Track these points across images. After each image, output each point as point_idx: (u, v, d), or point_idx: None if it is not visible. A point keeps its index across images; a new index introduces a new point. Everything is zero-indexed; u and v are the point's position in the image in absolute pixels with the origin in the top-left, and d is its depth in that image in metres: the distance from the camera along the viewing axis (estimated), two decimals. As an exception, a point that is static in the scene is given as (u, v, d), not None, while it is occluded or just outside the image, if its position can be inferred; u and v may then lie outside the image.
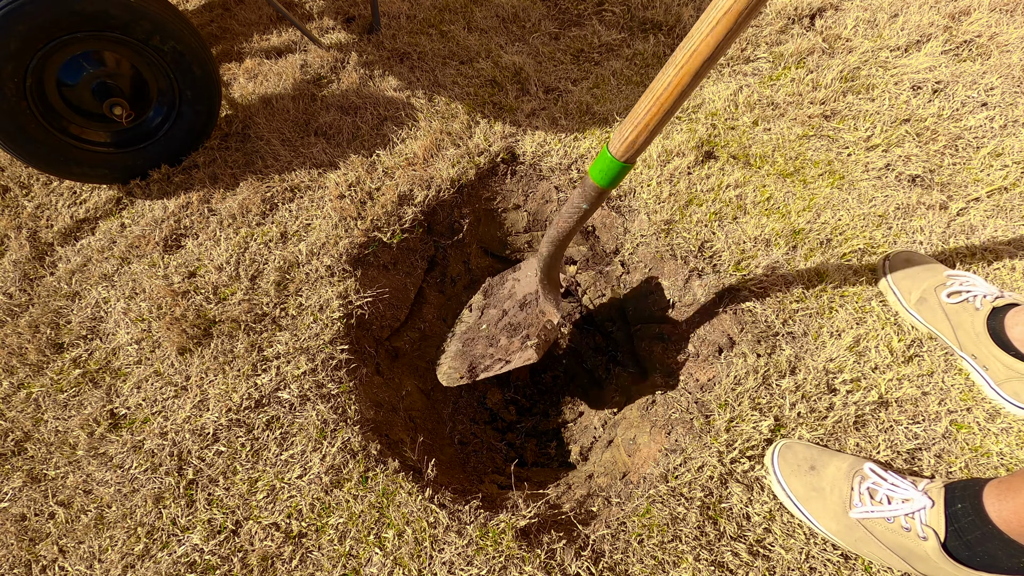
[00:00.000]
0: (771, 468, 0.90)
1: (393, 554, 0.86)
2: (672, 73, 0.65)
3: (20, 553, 0.89)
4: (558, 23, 1.84)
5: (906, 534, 0.77)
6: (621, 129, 0.72)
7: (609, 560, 0.85)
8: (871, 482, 0.83)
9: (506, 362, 1.11)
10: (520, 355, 1.10)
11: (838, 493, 0.84)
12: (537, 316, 1.15)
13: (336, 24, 1.86)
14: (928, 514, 0.76)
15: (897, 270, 1.10)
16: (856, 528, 0.81)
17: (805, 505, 0.86)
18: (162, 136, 1.38)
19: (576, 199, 0.82)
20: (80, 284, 1.23)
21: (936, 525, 0.75)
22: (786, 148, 1.37)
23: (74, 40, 1.17)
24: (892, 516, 0.78)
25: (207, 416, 1.00)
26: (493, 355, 1.16)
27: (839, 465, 0.87)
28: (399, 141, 1.46)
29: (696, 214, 1.26)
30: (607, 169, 0.75)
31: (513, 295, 1.23)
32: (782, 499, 0.89)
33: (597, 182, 0.77)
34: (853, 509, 0.81)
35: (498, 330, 1.20)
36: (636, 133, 0.70)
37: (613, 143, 0.73)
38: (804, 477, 0.87)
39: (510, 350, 1.14)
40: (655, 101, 0.68)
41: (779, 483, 0.88)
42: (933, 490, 0.79)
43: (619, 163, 0.74)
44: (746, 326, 1.10)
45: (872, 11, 1.71)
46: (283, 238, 1.27)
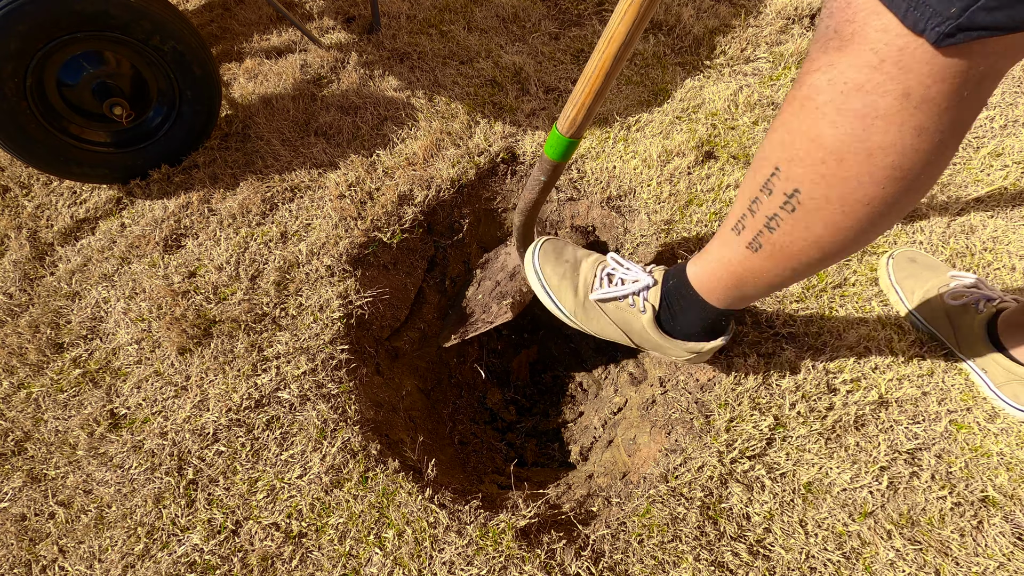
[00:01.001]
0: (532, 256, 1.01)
1: (393, 554, 0.86)
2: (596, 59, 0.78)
3: (20, 553, 0.89)
4: (558, 23, 1.84)
5: (630, 309, 0.91)
6: (564, 110, 0.85)
7: (609, 560, 0.85)
8: (610, 268, 0.95)
9: (489, 323, 1.23)
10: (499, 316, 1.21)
11: (584, 282, 0.97)
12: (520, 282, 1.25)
13: (336, 24, 1.86)
14: (650, 292, 0.89)
15: (900, 269, 1.09)
16: (592, 308, 0.95)
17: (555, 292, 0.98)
18: (162, 136, 1.38)
19: (536, 173, 0.97)
20: (80, 284, 1.23)
21: (654, 301, 0.89)
22: (786, 148, 1.37)
23: (74, 40, 1.17)
24: (623, 295, 0.91)
25: (207, 416, 1.00)
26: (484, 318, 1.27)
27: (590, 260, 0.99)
28: (399, 141, 1.46)
29: (696, 214, 1.26)
30: (557, 145, 0.89)
31: (505, 267, 1.32)
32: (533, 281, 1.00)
33: (551, 157, 0.92)
34: (593, 293, 0.94)
35: (491, 299, 1.30)
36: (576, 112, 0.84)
37: (560, 122, 0.87)
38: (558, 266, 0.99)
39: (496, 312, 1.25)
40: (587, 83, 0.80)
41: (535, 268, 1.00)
42: (657, 272, 0.91)
43: (566, 139, 0.88)
44: (746, 326, 1.10)
45: (872, 11, 1.71)
46: (283, 238, 1.27)
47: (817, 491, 0.89)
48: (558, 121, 0.87)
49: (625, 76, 1.62)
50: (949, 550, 0.82)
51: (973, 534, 0.83)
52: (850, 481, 0.89)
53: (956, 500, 0.86)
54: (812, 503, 0.88)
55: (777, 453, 0.93)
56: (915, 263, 1.09)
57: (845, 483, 0.89)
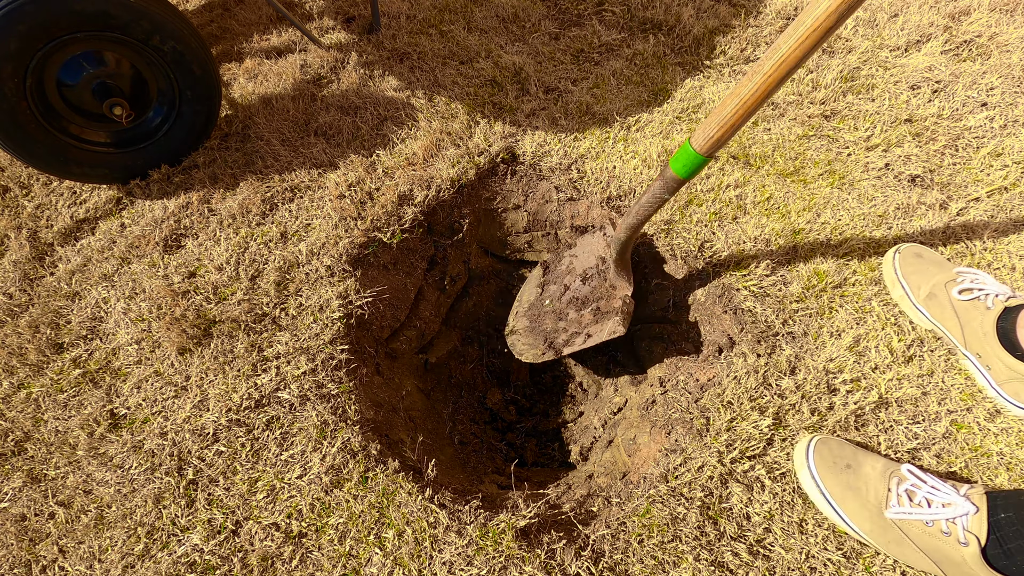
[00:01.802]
0: (806, 463, 0.88)
1: (393, 554, 0.86)
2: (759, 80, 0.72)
3: (20, 553, 0.89)
4: (558, 23, 1.84)
5: (944, 539, 0.76)
6: (705, 128, 0.79)
7: (609, 560, 0.85)
8: (909, 484, 0.82)
9: (587, 336, 1.18)
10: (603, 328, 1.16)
11: (874, 493, 0.82)
12: (607, 290, 1.21)
13: (336, 24, 1.86)
14: (971, 520, 0.76)
15: (907, 264, 1.08)
16: (891, 529, 0.80)
17: (840, 504, 0.84)
18: (162, 136, 1.38)
19: (658, 190, 0.92)
20: (80, 284, 1.23)
21: (979, 531, 0.74)
22: (786, 148, 1.37)
23: (74, 40, 1.17)
24: (932, 520, 0.77)
25: (207, 416, 1.00)
26: (567, 329, 1.23)
27: (874, 464, 0.86)
28: (399, 141, 1.46)
29: (696, 214, 1.26)
30: (689, 163, 0.84)
31: (572, 270, 1.30)
32: (814, 496, 0.87)
33: (679, 174, 0.86)
34: (889, 509, 0.80)
35: (564, 304, 1.27)
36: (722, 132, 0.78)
37: (696, 140, 0.82)
38: (840, 475, 0.85)
39: (584, 323, 1.21)
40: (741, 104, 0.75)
41: (814, 480, 0.86)
42: (975, 496, 0.78)
43: (701, 157, 0.83)
44: (746, 326, 1.10)
45: (872, 11, 1.71)
46: (283, 238, 1.27)
47: (817, 491, 0.89)
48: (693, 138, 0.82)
49: (625, 76, 1.62)
50: (949, 550, 0.82)
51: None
52: (850, 481, 0.89)
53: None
54: (812, 503, 0.88)
55: (777, 453, 0.93)
56: (921, 258, 1.09)
57: (845, 483, 0.88)
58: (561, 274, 1.32)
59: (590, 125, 1.48)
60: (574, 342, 1.19)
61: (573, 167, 1.40)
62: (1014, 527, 0.73)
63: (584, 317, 1.22)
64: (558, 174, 1.40)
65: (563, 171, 1.40)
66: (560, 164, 1.40)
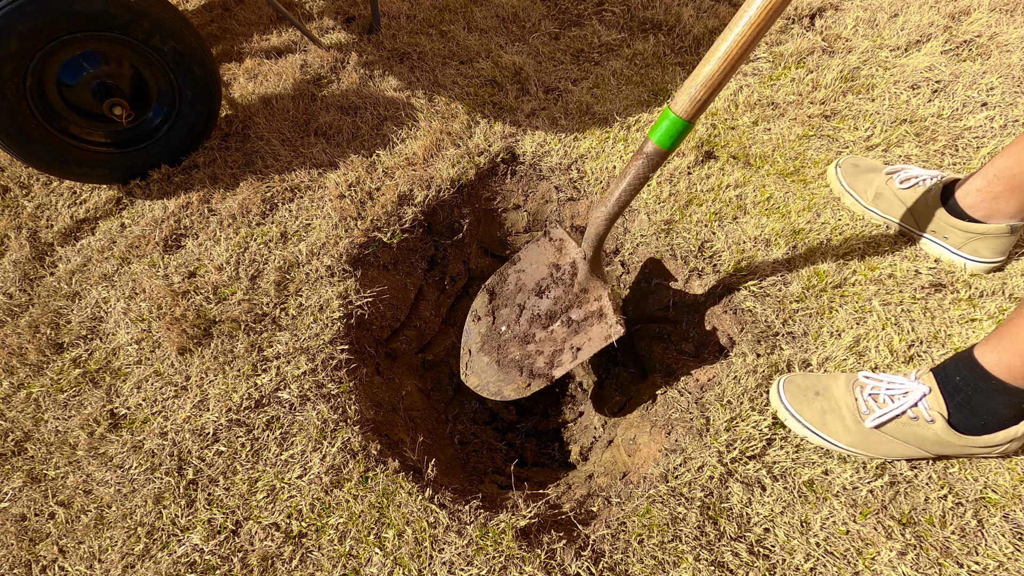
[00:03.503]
0: (781, 404, 0.95)
1: (393, 554, 0.86)
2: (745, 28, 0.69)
3: (20, 553, 0.89)
4: (558, 23, 1.84)
5: (915, 423, 0.85)
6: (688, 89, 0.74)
7: (609, 560, 0.85)
8: (870, 387, 0.90)
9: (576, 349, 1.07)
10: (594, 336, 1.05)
11: (847, 409, 0.90)
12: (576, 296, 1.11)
13: (336, 24, 1.86)
14: (929, 399, 0.84)
15: (848, 174, 1.23)
16: (872, 435, 0.88)
17: (823, 430, 0.91)
18: (162, 136, 1.38)
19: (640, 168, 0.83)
20: (80, 284, 1.23)
21: (939, 407, 0.83)
22: (786, 148, 1.37)
23: (74, 40, 1.17)
24: (900, 412, 0.85)
25: (207, 416, 1.00)
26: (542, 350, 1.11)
27: (837, 383, 0.94)
28: (399, 141, 1.46)
29: (696, 214, 1.26)
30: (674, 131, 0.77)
31: (523, 287, 1.18)
32: (798, 430, 0.94)
33: (662, 146, 0.79)
34: (867, 419, 0.88)
35: (526, 326, 1.15)
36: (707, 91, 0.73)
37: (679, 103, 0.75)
38: (813, 404, 0.93)
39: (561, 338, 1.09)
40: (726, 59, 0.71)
41: (793, 416, 0.93)
42: (925, 377, 0.86)
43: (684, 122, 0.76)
44: (746, 326, 1.10)
45: (872, 11, 1.71)
46: (283, 238, 1.27)
47: (817, 491, 0.89)
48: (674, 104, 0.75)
49: (625, 76, 1.62)
50: (949, 550, 0.82)
51: (973, 534, 0.83)
52: (850, 481, 0.89)
53: (956, 500, 0.86)
54: (812, 503, 0.88)
55: (777, 453, 0.93)
56: (858, 167, 1.24)
57: (845, 483, 0.89)
58: (511, 294, 1.20)
59: (590, 125, 1.48)
60: (562, 361, 1.08)
61: (573, 167, 1.40)
62: (970, 385, 0.81)
63: (557, 333, 1.11)
64: (558, 174, 1.40)
65: (563, 171, 1.40)
66: (560, 164, 1.40)
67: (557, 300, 1.12)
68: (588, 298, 1.09)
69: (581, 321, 1.09)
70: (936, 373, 0.86)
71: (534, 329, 1.14)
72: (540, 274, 1.16)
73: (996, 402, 0.79)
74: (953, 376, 0.83)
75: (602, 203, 0.93)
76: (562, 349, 1.09)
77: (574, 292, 1.11)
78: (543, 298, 1.14)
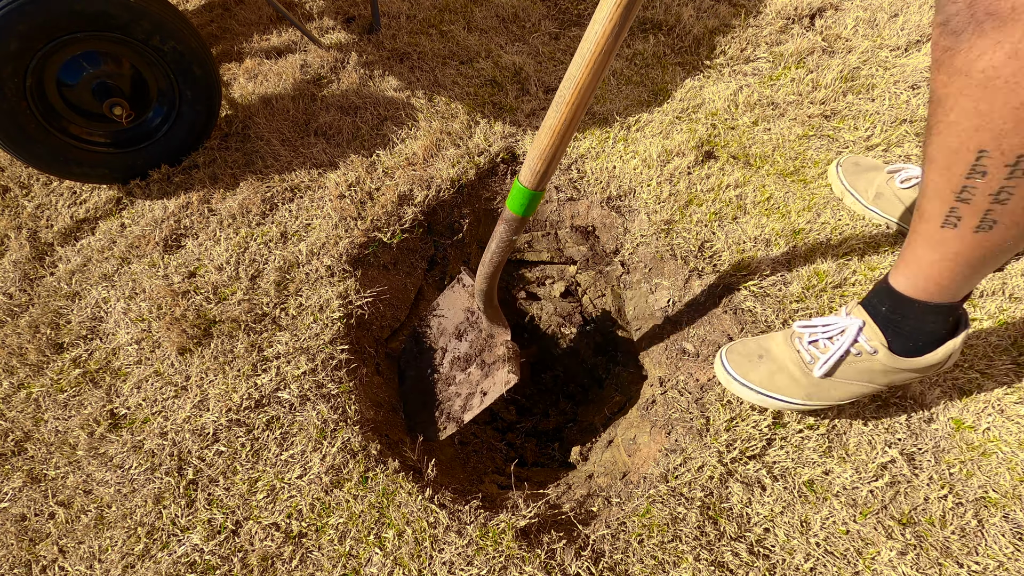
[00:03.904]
0: (727, 373, 0.95)
1: (393, 554, 0.86)
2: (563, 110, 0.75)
3: (20, 553, 0.89)
4: (558, 23, 1.84)
5: (859, 359, 0.85)
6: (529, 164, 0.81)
7: (609, 560, 0.85)
8: (808, 336, 0.89)
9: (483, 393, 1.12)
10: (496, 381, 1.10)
11: (792, 364, 0.90)
12: (486, 340, 1.16)
13: (336, 24, 1.86)
14: (865, 332, 0.83)
15: (849, 174, 1.23)
16: (822, 383, 0.88)
17: (775, 390, 0.91)
18: (162, 136, 1.38)
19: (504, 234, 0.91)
20: (80, 284, 1.23)
21: (877, 336, 0.82)
22: (786, 148, 1.37)
23: (74, 40, 1.17)
24: (844, 351, 0.85)
25: (207, 416, 1.00)
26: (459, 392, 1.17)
27: (776, 340, 0.94)
28: (399, 141, 1.46)
29: (696, 214, 1.26)
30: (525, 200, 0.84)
31: (444, 330, 1.24)
32: (750, 397, 0.93)
33: (517, 212, 0.86)
34: (813, 368, 0.87)
35: (448, 368, 1.20)
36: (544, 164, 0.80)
37: (524, 177, 0.82)
38: (759, 367, 0.93)
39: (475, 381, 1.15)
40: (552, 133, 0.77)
41: (741, 383, 0.93)
42: (855, 311, 0.85)
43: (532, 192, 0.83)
44: (746, 326, 1.10)
45: (872, 11, 1.71)
46: (283, 238, 1.27)
47: (817, 491, 0.89)
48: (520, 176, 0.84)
49: (625, 76, 1.62)
50: (949, 550, 0.82)
51: (973, 534, 0.83)
52: (850, 481, 0.89)
53: (956, 500, 0.86)
54: (812, 503, 0.88)
55: (777, 453, 0.93)
56: (859, 166, 1.24)
57: (845, 483, 0.89)
58: (435, 337, 1.25)
59: (590, 125, 1.48)
60: (472, 405, 1.13)
61: (573, 167, 1.40)
62: (895, 312, 0.81)
63: (473, 375, 1.16)
64: (558, 174, 1.40)
65: (563, 171, 1.40)
66: (560, 164, 1.40)
67: (472, 343, 1.18)
68: (495, 343, 1.15)
69: (491, 364, 1.14)
70: (864, 306, 0.86)
71: (455, 371, 1.19)
72: (459, 318, 1.22)
73: (926, 322, 0.80)
74: (879, 307, 0.84)
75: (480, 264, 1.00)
76: (474, 392, 1.14)
77: (483, 338, 1.17)
78: (462, 341, 1.20)
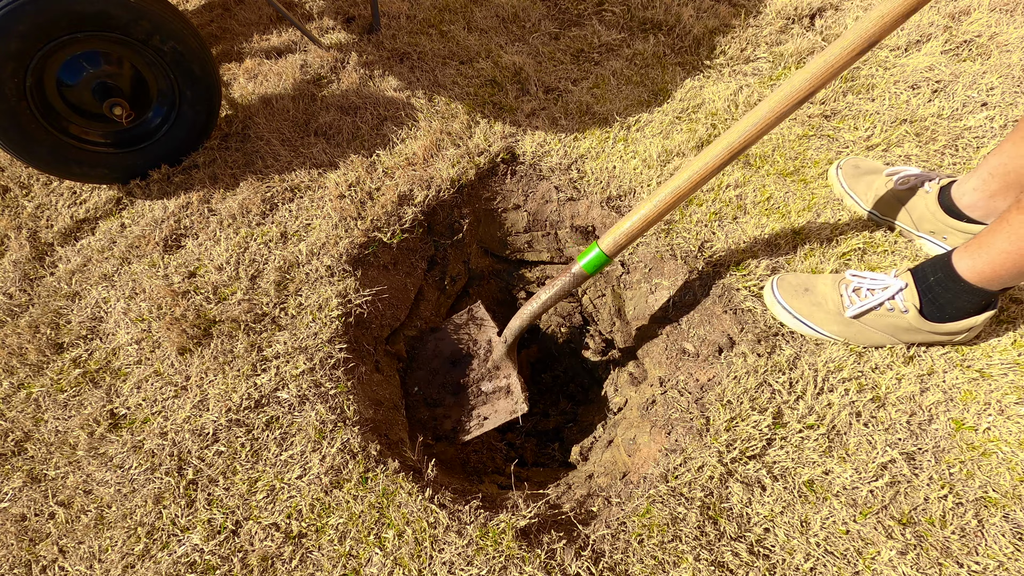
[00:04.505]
0: (774, 297, 1.07)
1: (393, 554, 0.86)
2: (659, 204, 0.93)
3: (20, 553, 0.89)
4: (558, 23, 1.84)
5: (891, 314, 0.97)
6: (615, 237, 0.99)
7: (609, 560, 0.85)
8: (855, 284, 1.01)
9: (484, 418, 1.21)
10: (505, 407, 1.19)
11: (832, 303, 1.02)
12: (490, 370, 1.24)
13: (336, 24, 1.86)
14: (905, 293, 0.95)
15: (849, 176, 1.26)
16: (853, 324, 1.00)
17: (810, 319, 1.04)
18: (162, 136, 1.38)
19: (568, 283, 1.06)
20: (80, 284, 1.23)
21: (913, 300, 0.95)
22: (786, 148, 1.37)
23: (74, 40, 1.17)
24: (878, 303, 0.97)
25: (207, 416, 1.00)
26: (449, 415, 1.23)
27: (825, 281, 1.06)
28: (399, 141, 1.46)
29: (696, 214, 1.26)
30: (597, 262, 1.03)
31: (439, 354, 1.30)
32: (787, 320, 1.06)
33: (587, 271, 1.04)
34: (847, 310, 1.00)
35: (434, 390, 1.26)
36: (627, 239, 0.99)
37: (605, 243, 1.01)
38: (802, 298, 1.05)
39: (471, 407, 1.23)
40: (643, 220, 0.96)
41: (783, 307, 1.06)
42: (903, 274, 0.98)
43: (607, 257, 1.02)
44: (746, 326, 1.10)
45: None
46: (283, 238, 1.27)
47: (817, 491, 0.89)
48: (602, 242, 1.00)
49: (625, 76, 1.62)
50: (949, 550, 0.82)
51: (973, 534, 0.83)
52: (850, 481, 0.89)
53: (956, 500, 0.86)
54: (812, 503, 0.88)
55: (777, 453, 0.93)
56: (859, 168, 1.26)
57: (845, 483, 0.88)
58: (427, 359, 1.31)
59: (590, 125, 1.48)
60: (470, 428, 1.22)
61: (573, 167, 1.40)
62: (942, 284, 0.92)
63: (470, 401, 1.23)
64: (558, 174, 1.40)
65: (563, 171, 1.40)
66: (560, 164, 1.40)
67: (470, 371, 1.25)
68: (499, 375, 1.23)
69: (490, 393, 1.22)
70: (914, 272, 0.96)
71: (447, 395, 1.25)
72: (457, 346, 1.28)
73: (962, 300, 0.91)
74: (928, 276, 0.94)
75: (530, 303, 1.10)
76: (470, 417, 1.22)
77: (487, 367, 1.24)
78: (456, 367, 1.27)
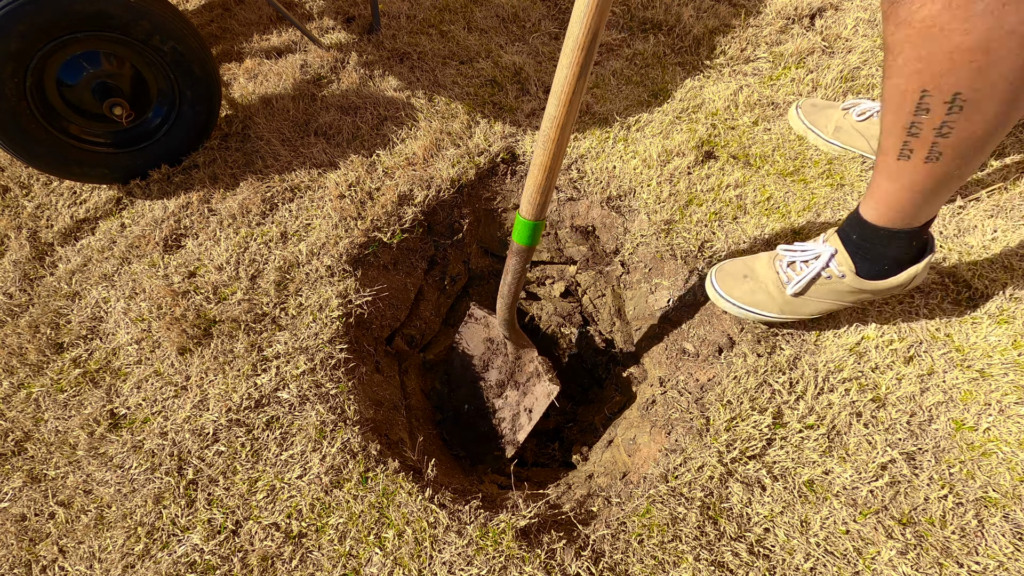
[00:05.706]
0: (714, 289, 1.07)
1: (393, 554, 0.86)
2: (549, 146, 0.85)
3: (20, 553, 0.89)
4: (558, 23, 1.84)
5: (829, 281, 0.96)
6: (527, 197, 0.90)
7: (609, 560, 0.85)
8: (788, 259, 1.01)
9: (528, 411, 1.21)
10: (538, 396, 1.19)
11: (772, 283, 1.02)
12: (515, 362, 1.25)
13: (336, 24, 1.86)
14: (837, 258, 0.94)
15: (808, 114, 1.36)
16: (794, 300, 1.00)
17: (753, 305, 1.04)
18: (162, 136, 1.38)
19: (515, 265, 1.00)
20: (80, 284, 1.23)
21: (846, 263, 0.93)
22: (786, 148, 1.37)
23: (74, 40, 1.17)
24: (815, 274, 0.96)
25: (207, 416, 1.00)
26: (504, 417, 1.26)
27: (761, 262, 1.05)
28: (399, 141, 1.46)
29: (696, 214, 1.26)
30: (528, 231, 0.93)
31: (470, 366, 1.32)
32: (733, 311, 1.06)
33: (523, 243, 0.95)
34: (787, 287, 0.99)
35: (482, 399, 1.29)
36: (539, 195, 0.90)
37: (524, 210, 0.91)
38: (743, 285, 1.05)
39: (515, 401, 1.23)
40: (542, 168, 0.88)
41: (724, 298, 1.06)
42: (831, 239, 0.96)
43: (534, 222, 0.92)
44: (746, 326, 1.10)
45: (872, 11, 1.71)
46: (283, 238, 1.27)
47: (817, 491, 0.89)
48: (520, 210, 0.91)
49: (625, 76, 1.62)
50: (949, 550, 0.82)
51: (973, 534, 0.83)
52: (850, 481, 0.89)
53: (956, 500, 0.86)
54: (812, 503, 0.88)
55: (777, 453, 0.93)
56: (816, 106, 1.36)
57: (845, 483, 0.89)
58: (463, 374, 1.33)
59: (590, 125, 1.48)
60: (521, 425, 1.22)
61: (573, 167, 1.40)
62: (864, 240, 0.91)
63: (511, 397, 1.24)
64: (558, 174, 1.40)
65: (563, 171, 1.40)
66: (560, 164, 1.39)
67: (501, 368, 1.27)
68: (524, 362, 1.24)
69: (525, 382, 1.23)
70: (839, 234, 0.95)
71: (492, 399, 1.28)
72: (480, 350, 1.30)
73: (892, 249, 0.89)
74: (851, 234, 0.93)
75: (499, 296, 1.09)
76: (518, 412, 1.23)
77: (512, 359, 1.25)
78: (490, 370, 1.29)
